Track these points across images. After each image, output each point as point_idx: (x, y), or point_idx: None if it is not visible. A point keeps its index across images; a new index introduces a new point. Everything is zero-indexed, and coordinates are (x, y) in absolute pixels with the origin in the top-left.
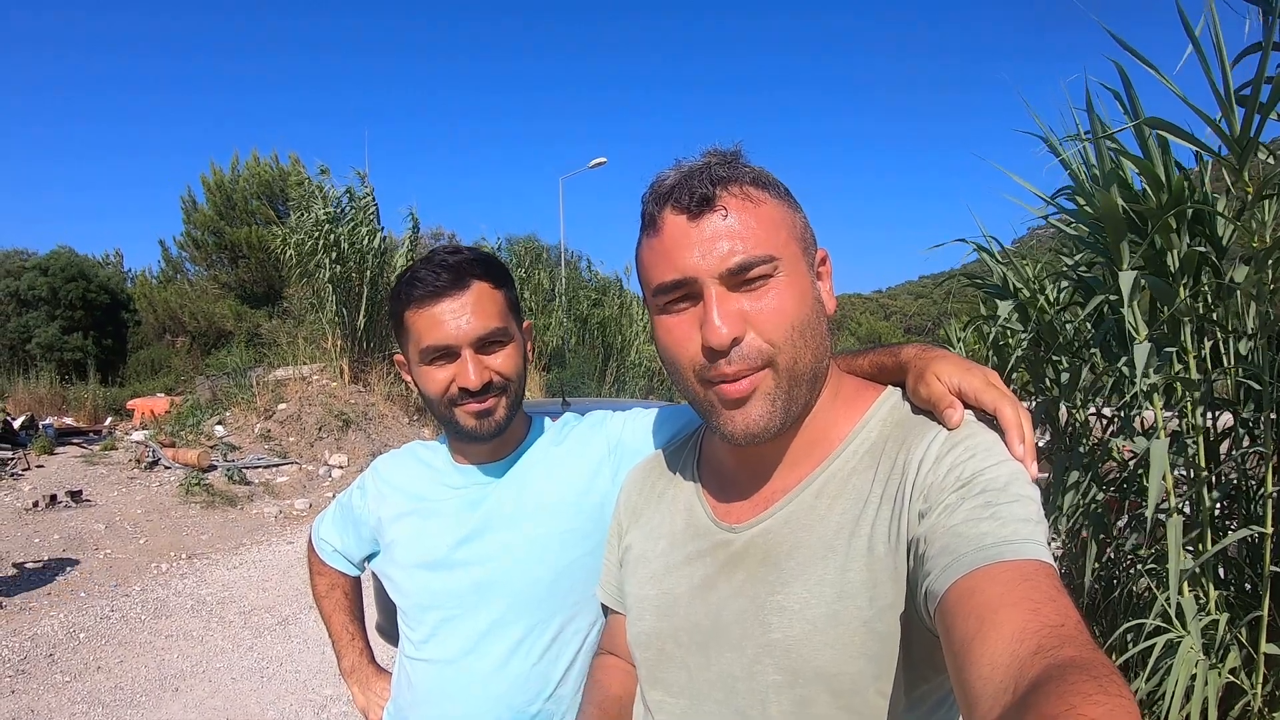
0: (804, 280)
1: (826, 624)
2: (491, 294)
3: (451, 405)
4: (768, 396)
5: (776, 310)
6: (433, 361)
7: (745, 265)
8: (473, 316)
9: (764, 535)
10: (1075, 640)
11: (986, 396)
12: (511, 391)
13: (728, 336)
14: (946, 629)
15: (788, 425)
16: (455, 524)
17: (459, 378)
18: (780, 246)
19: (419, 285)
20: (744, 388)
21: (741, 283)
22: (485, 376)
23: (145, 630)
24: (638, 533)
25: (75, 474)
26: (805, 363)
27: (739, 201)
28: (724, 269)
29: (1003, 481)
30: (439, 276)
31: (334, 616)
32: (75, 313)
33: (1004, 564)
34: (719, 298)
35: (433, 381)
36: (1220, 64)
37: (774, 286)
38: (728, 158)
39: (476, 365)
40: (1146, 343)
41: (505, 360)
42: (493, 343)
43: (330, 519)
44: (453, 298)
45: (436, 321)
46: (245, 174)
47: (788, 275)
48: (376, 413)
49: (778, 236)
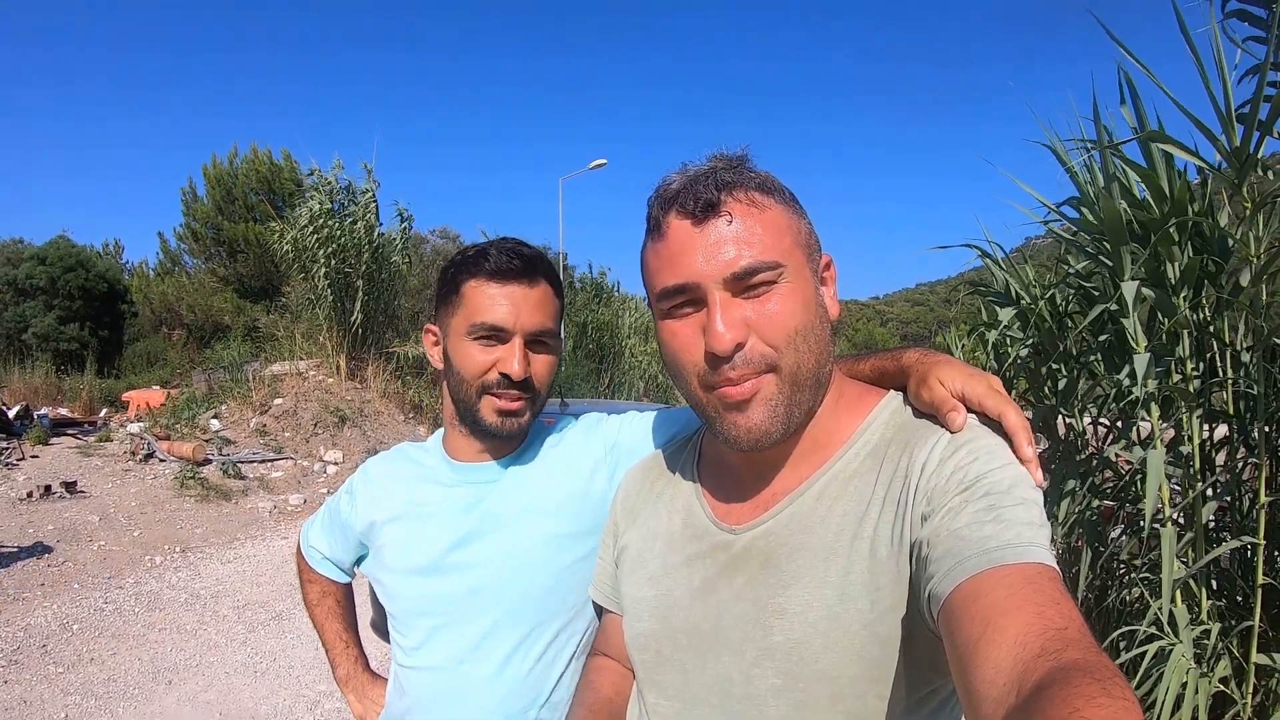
0: (808, 286)
1: (827, 626)
2: (552, 298)
3: (483, 392)
4: (770, 402)
5: (780, 316)
6: (480, 339)
7: (749, 271)
8: (535, 310)
9: (765, 537)
10: (1079, 643)
11: (990, 402)
12: (539, 401)
13: (731, 343)
14: (950, 632)
15: (790, 430)
16: (449, 527)
17: (502, 363)
18: (785, 253)
19: (490, 260)
20: (746, 390)
21: (745, 288)
22: (527, 372)
23: (139, 623)
24: (635, 533)
25: (70, 465)
26: (808, 368)
27: (744, 207)
28: (728, 274)
29: (1006, 484)
30: (513, 260)
31: (327, 625)
32: (73, 303)
33: (1008, 567)
34: (723, 304)
35: (472, 361)
36: (1221, 80)
37: (778, 292)
38: (733, 162)
39: (523, 356)
40: (1146, 353)
41: (544, 366)
42: (541, 344)
43: (319, 525)
44: (521, 285)
45: (499, 301)
46: (244, 167)
47: (791, 281)
48: (372, 409)
49: (782, 242)
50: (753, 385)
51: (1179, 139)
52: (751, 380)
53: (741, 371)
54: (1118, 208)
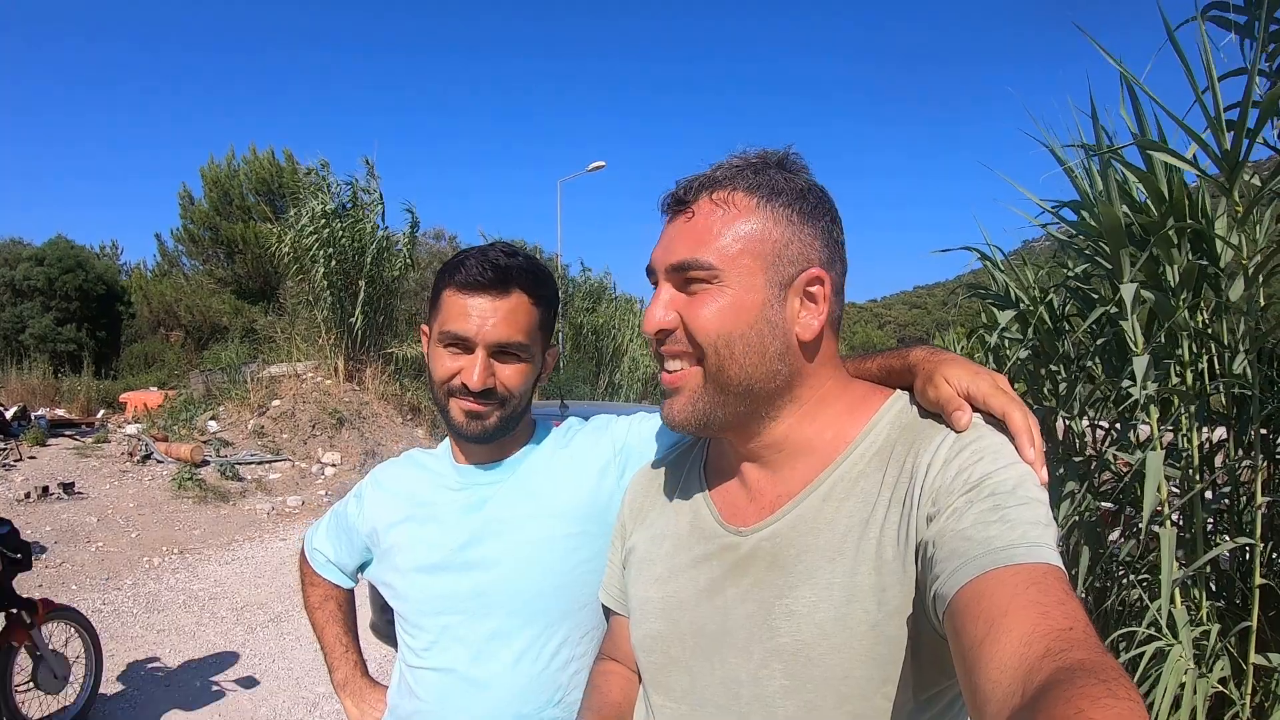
0: (750, 295)
1: (835, 628)
2: (528, 308)
3: (449, 395)
4: (691, 395)
5: (702, 318)
6: (448, 346)
7: (681, 266)
8: (501, 322)
9: (771, 538)
10: (1084, 644)
11: (995, 401)
12: (511, 406)
13: (653, 325)
14: (955, 632)
15: (714, 428)
16: (456, 527)
17: (464, 373)
18: (727, 259)
19: (464, 271)
20: (674, 380)
21: (685, 281)
22: (489, 382)
23: (137, 624)
24: (642, 534)
25: (68, 466)
26: (731, 375)
27: (710, 206)
28: (668, 265)
29: (1011, 484)
30: (485, 272)
31: (327, 629)
32: (70, 304)
33: (1013, 567)
34: (664, 290)
35: (441, 366)
36: (1211, 85)
37: (710, 294)
38: (747, 162)
39: (484, 368)
40: (1146, 356)
41: (514, 374)
42: (509, 354)
43: (324, 529)
44: (490, 297)
45: (465, 312)
46: (243, 169)
47: (728, 287)
48: (370, 411)
49: (729, 247)
50: (679, 378)
51: (1179, 139)
52: (679, 372)
53: (667, 349)
54: (1117, 212)
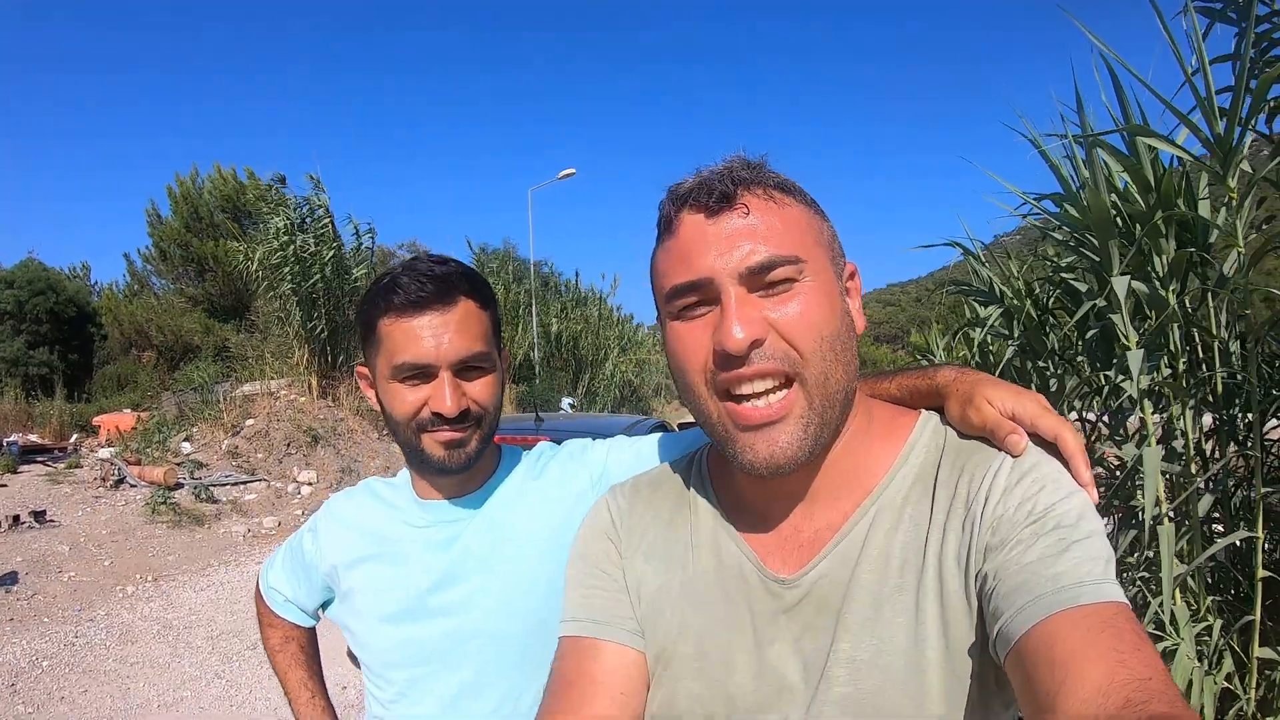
0: (833, 289)
1: (905, 673)
2: (478, 314)
3: (420, 431)
4: (801, 420)
5: (804, 317)
6: (405, 380)
7: (767, 264)
8: (456, 336)
9: (818, 582)
10: (1163, 695)
11: (1044, 422)
12: (487, 423)
13: (745, 340)
14: (1026, 675)
15: (816, 454)
16: (423, 569)
17: (433, 401)
18: (807, 249)
19: (400, 293)
20: (770, 412)
21: (764, 285)
22: (462, 404)
23: (110, 657)
24: (646, 564)
25: (39, 493)
26: (837, 380)
27: (761, 201)
28: (744, 268)
29: (1075, 516)
30: (424, 286)
31: (290, 673)
32: (41, 327)
33: (1083, 608)
34: (738, 299)
35: (402, 402)
36: (1202, 70)
37: (800, 291)
38: (751, 163)
39: (454, 390)
40: (1139, 350)
41: (484, 389)
42: (473, 368)
43: (280, 564)
44: (437, 312)
45: (415, 337)
46: (209, 187)
47: (815, 281)
48: (346, 428)
49: (804, 239)
50: (784, 403)
51: (1164, 127)
52: (778, 403)
53: (759, 368)
54: (1105, 202)
